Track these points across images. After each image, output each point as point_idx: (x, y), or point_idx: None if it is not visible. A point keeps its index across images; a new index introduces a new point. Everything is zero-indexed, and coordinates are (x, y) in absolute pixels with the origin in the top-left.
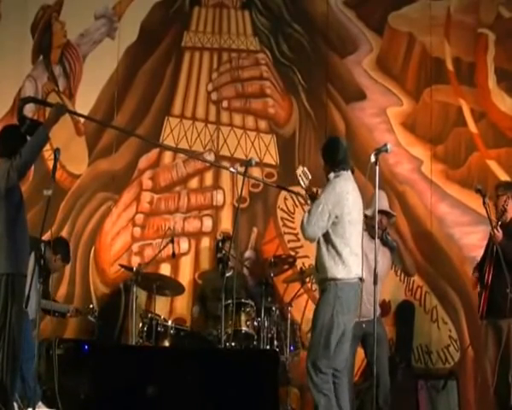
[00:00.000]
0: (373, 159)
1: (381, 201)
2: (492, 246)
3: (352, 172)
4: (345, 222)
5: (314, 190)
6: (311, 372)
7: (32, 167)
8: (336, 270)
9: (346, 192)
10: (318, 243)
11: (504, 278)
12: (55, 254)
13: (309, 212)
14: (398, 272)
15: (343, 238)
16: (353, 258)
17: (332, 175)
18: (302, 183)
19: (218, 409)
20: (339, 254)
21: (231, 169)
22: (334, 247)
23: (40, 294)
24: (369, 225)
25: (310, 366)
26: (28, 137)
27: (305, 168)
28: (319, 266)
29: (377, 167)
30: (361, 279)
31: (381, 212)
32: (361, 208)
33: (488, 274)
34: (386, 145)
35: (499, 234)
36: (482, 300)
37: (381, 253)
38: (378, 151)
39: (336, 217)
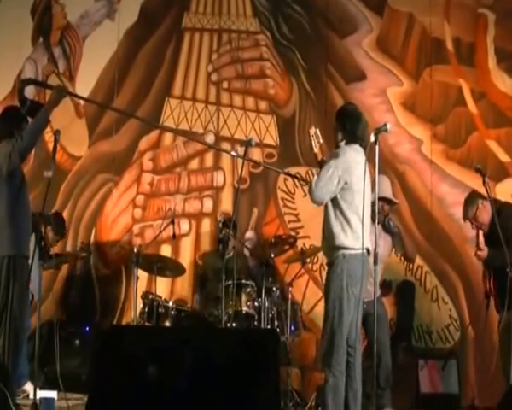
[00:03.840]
0: (373, 138)
1: (384, 187)
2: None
3: (365, 150)
4: (354, 190)
5: (321, 155)
6: (325, 350)
7: (33, 150)
8: (344, 237)
9: (355, 162)
10: (326, 208)
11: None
12: (45, 226)
13: (318, 175)
14: (399, 253)
15: (352, 205)
16: (362, 228)
17: (343, 143)
18: (314, 143)
19: (218, 390)
20: (347, 219)
21: (232, 153)
22: (342, 212)
23: (41, 275)
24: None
25: (325, 343)
26: (29, 118)
27: (318, 130)
28: (326, 233)
29: (377, 147)
30: (368, 252)
31: (383, 198)
32: (367, 184)
33: (489, 284)
34: (385, 125)
35: (483, 252)
36: (493, 301)
37: (382, 238)
38: (378, 131)
39: (346, 183)
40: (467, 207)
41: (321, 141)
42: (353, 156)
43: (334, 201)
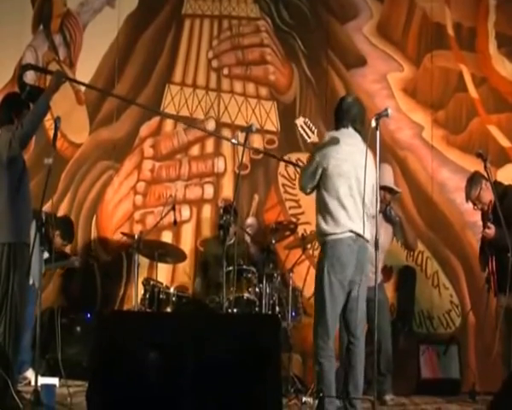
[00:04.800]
0: (373, 124)
1: (386, 176)
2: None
3: (359, 132)
4: (333, 174)
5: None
6: (313, 336)
7: (33, 137)
8: (325, 224)
9: (337, 145)
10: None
11: (505, 262)
12: (53, 230)
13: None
14: (400, 242)
15: (331, 190)
16: (343, 211)
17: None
18: (305, 135)
19: (219, 375)
20: (326, 206)
21: (232, 140)
22: (323, 201)
23: (42, 262)
24: None
25: (313, 329)
26: (30, 104)
27: (307, 119)
28: (315, 223)
29: (378, 132)
30: (359, 235)
31: (385, 187)
32: (358, 166)
33: (491, 262)
34: (386, 110)
35: (491, 231)
36: (492, 283)
37: (383, 227)
38: (379, 116)
39: (324, 169)
40: (470, 188)
41: (313, 129)
42: (334, 140)
43: (318, 189)
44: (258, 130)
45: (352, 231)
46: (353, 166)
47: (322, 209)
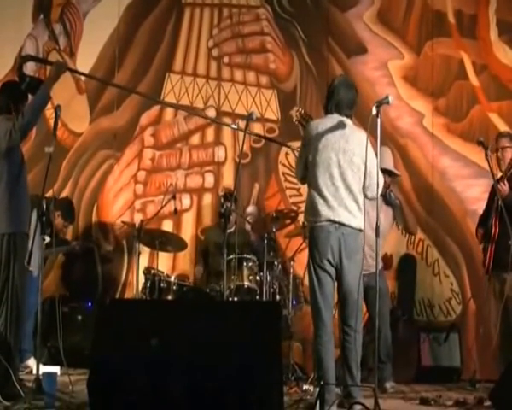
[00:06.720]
0: (374, 111)
1: (385, 159)
2: (497, 199)
3: (348, 116)
4: (313, 165)
5: None
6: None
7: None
8: (307, 214)
9: (318, 134)
10: None
11: (507, 232)
12: (55, 211)
13: None
14: (400, 226)
15: (312, 182)
16: (322, 201)
17: None
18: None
19: (220, 363)
20: (308, 198)
21: (232, 126)
22: (308, 193)
23: (43, 250)
24: None
25: (311, 318)
26: (29, 95)
27: (300, 108)
28: None
29: (379, 119)
30: (342, 224)
31: (385, 170)
32: (341, 152)
33: (495, 228)
34: (387, 97)
35: (506, 187)
36: (488, 254)
37: (384, 211)
38: (379, 103)
39: (307, 160)
40: (499, 138)
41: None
42: (314, 127)
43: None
44: (259, 118)
45: (330, 220)
46: (335, 152)
47: (307, 200)
